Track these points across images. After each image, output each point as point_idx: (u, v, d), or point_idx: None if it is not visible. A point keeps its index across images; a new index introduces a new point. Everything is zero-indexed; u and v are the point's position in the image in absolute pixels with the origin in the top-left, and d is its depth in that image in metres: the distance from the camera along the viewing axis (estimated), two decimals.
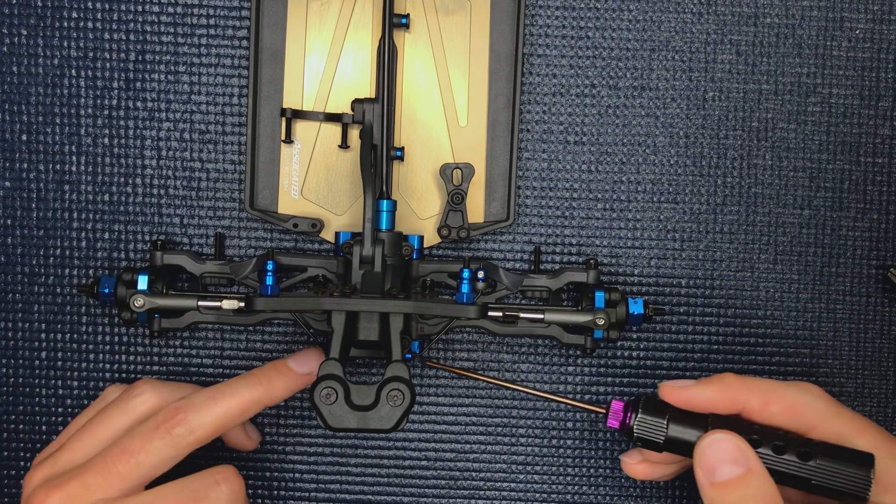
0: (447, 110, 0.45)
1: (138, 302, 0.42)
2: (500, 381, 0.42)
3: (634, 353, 0.47)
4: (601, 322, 0.43)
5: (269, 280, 0.42)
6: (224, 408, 0.39)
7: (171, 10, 0.45)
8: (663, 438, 0.38)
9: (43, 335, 0.46)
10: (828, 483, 0.37)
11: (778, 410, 0.38)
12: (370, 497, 0.47)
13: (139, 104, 0.45)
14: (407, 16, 0.44)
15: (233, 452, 0.46)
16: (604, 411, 0.40)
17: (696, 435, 0.37)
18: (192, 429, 0.38)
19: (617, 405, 0.39)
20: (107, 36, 0.45)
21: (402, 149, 0.44)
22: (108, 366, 0.46)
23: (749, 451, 0.36)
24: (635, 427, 0.38)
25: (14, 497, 0.46)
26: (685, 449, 0.38)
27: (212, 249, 0.46)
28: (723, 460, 0.36)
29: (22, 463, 0.46)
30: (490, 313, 0.43)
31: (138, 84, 0.45)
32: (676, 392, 0.39)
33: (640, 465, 0.41)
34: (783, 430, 0.38)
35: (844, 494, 0.37)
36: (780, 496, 0.36)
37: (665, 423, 0.38)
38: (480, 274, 0.44)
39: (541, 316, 0.44)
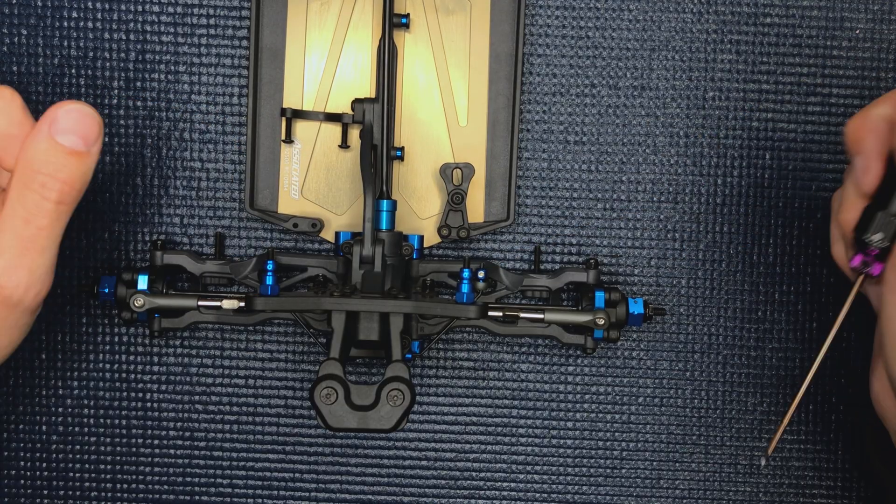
0: (447, 110, 0.45)
1: (138, 302, 0.42)
2: None
3: (634, 353, 0.47)
4: (601, 322, 0.43)
5: (269, 280, 0.42)
6: None
7: (171, 9, 0.45)
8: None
9: (43, 335, 0.46)
10: None
11: None
12: (370, 497, 0.47)
13: (139, 104, 0.45)
14: (407, 16, 0.44)
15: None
16: (860, 274, 0.39)
17: None
18: None
19: (856, 261, 0.39)
20: (107, 36, 0.45)
21: (402, 149, 0.44)
22: (108, 366, 0.46)
23: None
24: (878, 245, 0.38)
25: (14, 497, 0.46)
26: None
27: (212, 249, 0.46)
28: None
29: (22, 463, 0.46)
30: (490, 313, 0.43)
31: (138, 84, 0.45)
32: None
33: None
34: None
35: None
36: None
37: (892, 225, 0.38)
38: (480, 274, 0.44)
39: (541, 316, 0.44)
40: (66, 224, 0.36)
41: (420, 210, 0.45)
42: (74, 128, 0.34)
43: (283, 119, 0.44)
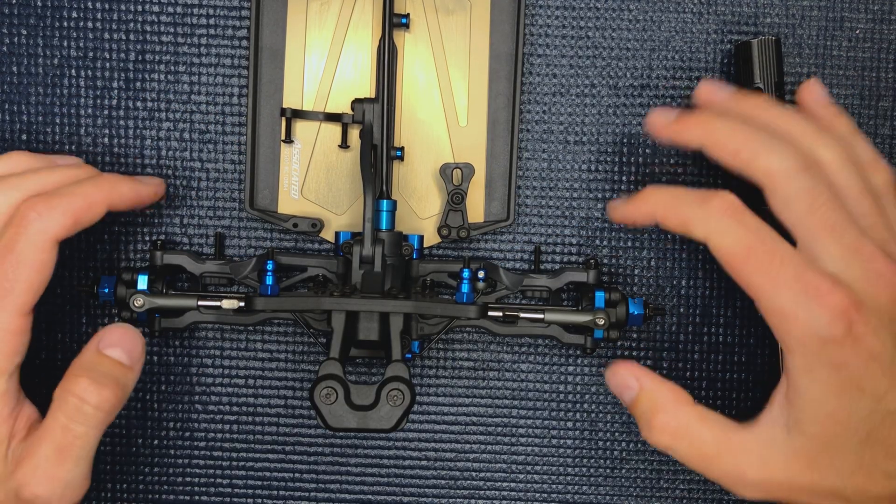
0: (447, 110, 0.45)
1: (138, 302, 0.42)
2: None
3: (634, 353, 0.47)
4: (601, 322, 0.43)
5: (269, 280, 0.42)
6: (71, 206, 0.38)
7: (170, 9, 0.45)
8: None
9: (43, 335, 0.46)
10: None
11: None
12: (370, 497, 0.47)
13: (139, 104, 0.45)
14: (407, 16, 0.44)
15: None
16: None
17: None
18: (46, 228, 0.37)
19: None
20: (107, 36, 0.45)
21: (402, 149, 0.44)
22: None
23: (640, 372, 0.38)
24: None
25: None
26: None
27: (212, 249, 0.46)
28: (620, 387, 0.39)
29: None
30: (490, 313, 0.43)
31: (138, 84, 0.45)
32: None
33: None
34: None
35: None
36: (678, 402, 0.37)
37: None
38: (480, 274, 0.44)
39: (541, 316, 0.44)
40: (99, 442, 0.37)
41: (420, 210, 0.45)
42: (119, 342, 0.38)
43: (283, 119, 0.44)
